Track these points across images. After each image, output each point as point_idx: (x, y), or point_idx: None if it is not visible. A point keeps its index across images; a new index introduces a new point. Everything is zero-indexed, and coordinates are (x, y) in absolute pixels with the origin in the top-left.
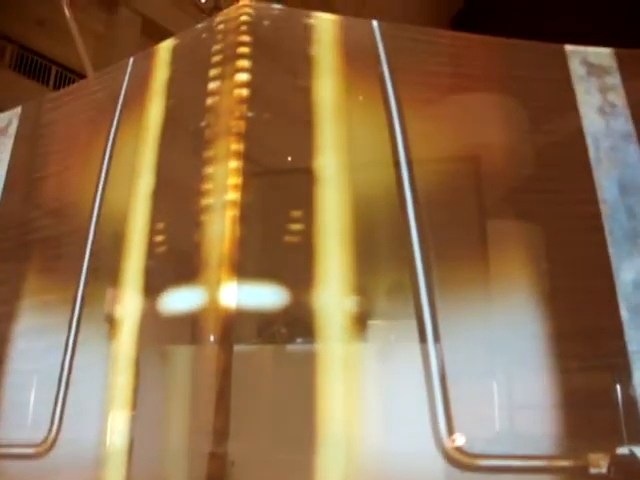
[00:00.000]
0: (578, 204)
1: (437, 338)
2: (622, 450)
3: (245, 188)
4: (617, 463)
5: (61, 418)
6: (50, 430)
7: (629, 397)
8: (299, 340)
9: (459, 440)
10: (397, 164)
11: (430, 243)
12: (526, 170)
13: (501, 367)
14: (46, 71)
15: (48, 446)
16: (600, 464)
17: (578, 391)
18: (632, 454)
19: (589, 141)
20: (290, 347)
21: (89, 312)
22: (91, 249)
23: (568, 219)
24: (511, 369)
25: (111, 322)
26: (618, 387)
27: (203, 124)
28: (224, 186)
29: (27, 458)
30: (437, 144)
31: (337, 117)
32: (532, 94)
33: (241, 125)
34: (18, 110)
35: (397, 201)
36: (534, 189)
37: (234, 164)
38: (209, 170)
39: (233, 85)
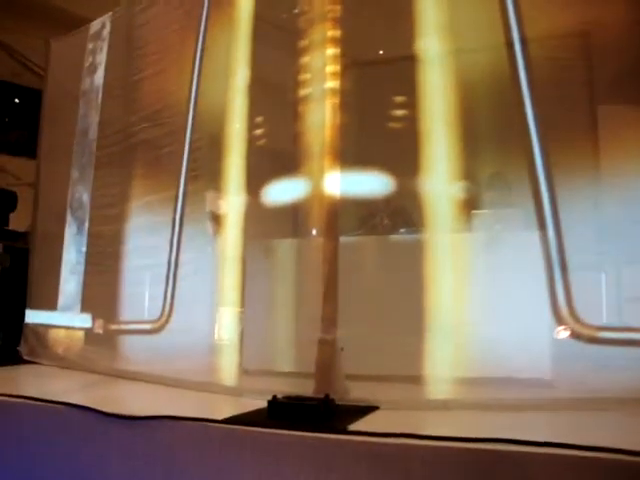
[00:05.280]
0: None
1: (557, 224)
2: None
3: (344, 75)
4: None
5: (171, 307)
6: (161, 316)
7: None
8: (402, 230)
9: (563, 334)
10: (510, 44)
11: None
12: None
13: (614, 254)
14: None
15: (160, 326)
16: None
17: None
18: None
19: None
20: (393, 237)
21: (192, 210)
22: (189, 148)
23: None
24: (624, 256)
25: (214, 219)
26: None
27: (296, 11)
28: (322, 74)
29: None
30: (548, 19)
31: None
32: None
33: (337, 9)
34: (110, 14)
35: (507, 84)
36: None
37: (332, 51)
38: (305, 59)
39: None
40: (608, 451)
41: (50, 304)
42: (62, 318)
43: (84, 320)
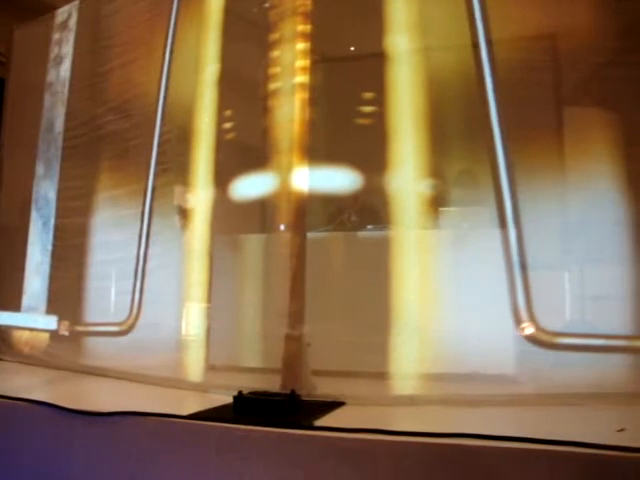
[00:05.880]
0: None
1: (518, 223)
2: None
3: (314, 70)
4: None
5: (139, 305)
6: (129, 316)
7: None
8: (370, 227)
9: (528, 329)
10: (476, 45)
11: (507, 125)
12: (612, 44)
13: (577, 255)
14: None
15: (128, 327)
16: None
17: None
18: None
19: None
20: (361, 234)
21: (160, 204)
22: (158, 141)
23: None
24: (588, 257)
25: (182, 213)
26: None
27: (267, 5)
28: (292, 69)
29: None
30: (516, 21)
31: None
32: None
33: (307, 4)
34: (77, 2)
35: (476, 82)
36: (620, 63)
37: (302, 46)
38: (275, 53)
39: None
40: (571, 445)
41: (13, 304)
42: (26, 319)
43: (49, 322)
